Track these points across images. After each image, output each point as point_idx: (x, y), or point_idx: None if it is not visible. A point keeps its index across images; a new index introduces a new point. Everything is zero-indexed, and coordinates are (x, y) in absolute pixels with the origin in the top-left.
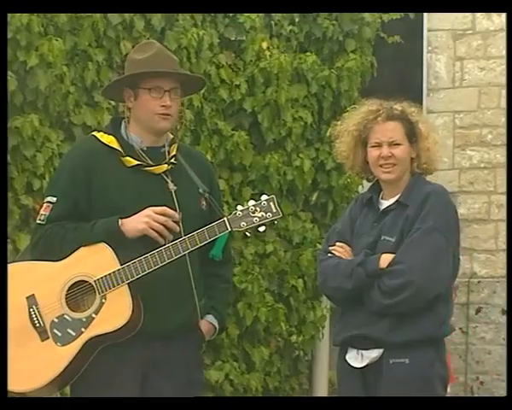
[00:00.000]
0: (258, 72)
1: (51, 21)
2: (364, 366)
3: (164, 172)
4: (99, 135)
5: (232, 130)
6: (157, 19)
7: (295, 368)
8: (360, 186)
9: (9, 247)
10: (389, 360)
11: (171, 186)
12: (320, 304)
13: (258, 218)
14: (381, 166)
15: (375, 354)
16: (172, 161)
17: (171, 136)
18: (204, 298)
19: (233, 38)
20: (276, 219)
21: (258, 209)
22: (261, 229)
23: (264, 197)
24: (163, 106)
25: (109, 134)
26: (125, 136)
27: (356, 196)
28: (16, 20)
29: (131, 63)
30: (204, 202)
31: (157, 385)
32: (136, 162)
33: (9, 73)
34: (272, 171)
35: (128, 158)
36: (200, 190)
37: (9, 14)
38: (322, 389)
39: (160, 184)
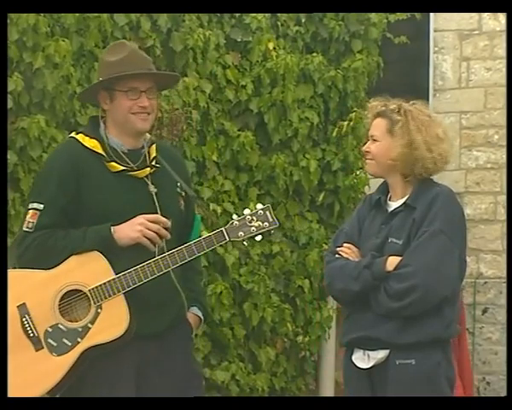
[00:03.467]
0: (264, 72)
1: (58, 22)
2: (370, 367)
3: (145, 175)
4: (80, 138)
5: (238, 130)
6: (163, 19)
7: (301, 368)
8: (366, 186)
9: None
10: (395, 361)
11: (152, 189)
12: (326, 305)
13: (256, 227)
14: (364, 160)
15: (381, 354)
16: (154, 163)
17: (149, 136)
18: (185, 291)
19: (239, 39)
20: (272, 229)
21: (254, 219)
22: (258, 238)
23: (259, 206)
24: (140, 106)
25: (91, 137)
26: (106, 138)
27: (364, 196)
28: (23, 21)
29: (105, 66)
30: (182, 202)
31: (154, 383)
32: (121, 168)
33: (16, 73)
34: (278, 171)
35: (113, 163)
36: (178, 190)
37: (17, 15)
38: (328, 390)
39: (142, 187)
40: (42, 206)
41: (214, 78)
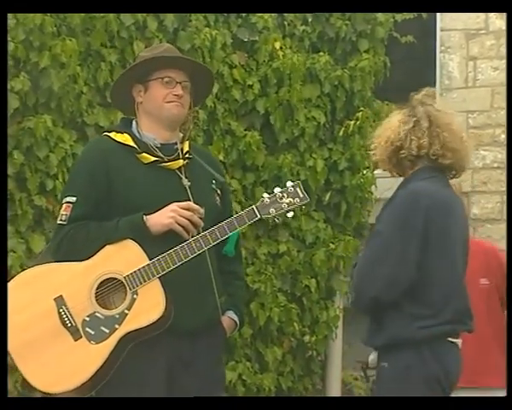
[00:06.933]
0: (270, 72)
1: (64, 22)
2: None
3: (178, 168)
4: (112, 134)
5: (245, 130)
6: (170, 19)
7: (308, 368)
8: (373, 186)
9: (23, 247)
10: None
11: (185, 182)
12: (333, 304)
13: (287, 204)
14: None
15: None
16: (187, 156)
17: (182, 134)
18: (223, 295)
19: (246, 39)
20: (304, 205)
21: (285, 195)
22: (289, 215)
23: (289, 183)
24: (175, 95)
25: (122, 133)
26: (138, 134)
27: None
28: (30, 20)
29: (141, 60)
30: (218, 198)
31: (183, 383)
32: (153, 159)
33: (22, 73)
34: (285, 171)
35: (144, 154)
36: (213, 186)
37: (23, 15)
38: (335, 390)
39: (176, 180)
40: (74, 198)
41: (221, 77)
